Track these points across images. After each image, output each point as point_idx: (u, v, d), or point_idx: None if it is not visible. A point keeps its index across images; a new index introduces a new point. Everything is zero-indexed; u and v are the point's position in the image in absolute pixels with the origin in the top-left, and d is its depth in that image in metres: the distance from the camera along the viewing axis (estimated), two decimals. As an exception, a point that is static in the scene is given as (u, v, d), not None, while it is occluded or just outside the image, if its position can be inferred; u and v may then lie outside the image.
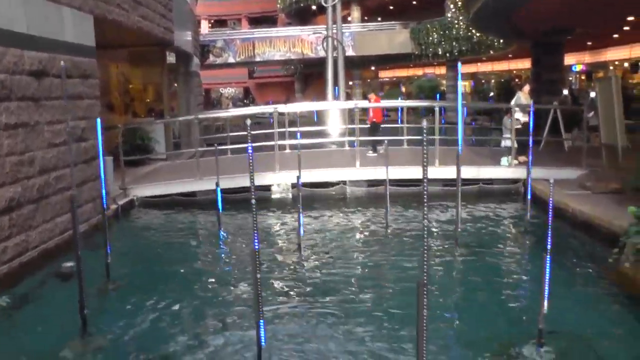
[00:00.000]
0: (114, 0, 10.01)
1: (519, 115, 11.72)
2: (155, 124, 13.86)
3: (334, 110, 21.20)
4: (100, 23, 9.78)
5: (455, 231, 7.55)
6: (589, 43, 23.42)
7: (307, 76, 42.38)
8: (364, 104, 14.24)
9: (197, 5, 23.99)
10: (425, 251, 3.31)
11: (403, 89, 42.64)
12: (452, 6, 27.55)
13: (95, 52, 9.12)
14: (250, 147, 4.06)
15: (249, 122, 4.18)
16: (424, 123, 3.43)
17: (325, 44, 24.24)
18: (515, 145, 10.91)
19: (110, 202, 9.64)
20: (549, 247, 4.70)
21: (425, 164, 3.25)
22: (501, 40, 23.24)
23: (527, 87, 12.73)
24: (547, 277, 4.66)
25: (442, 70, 32.88)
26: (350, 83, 39.61)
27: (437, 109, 11.03)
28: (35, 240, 7.18)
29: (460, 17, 26.07)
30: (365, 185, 11.23)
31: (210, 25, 57.76)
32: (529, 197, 8.16)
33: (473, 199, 10.36)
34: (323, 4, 22.93)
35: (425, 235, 3.32)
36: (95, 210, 8.93)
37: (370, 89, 42.34)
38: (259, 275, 4.00)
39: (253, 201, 3.99)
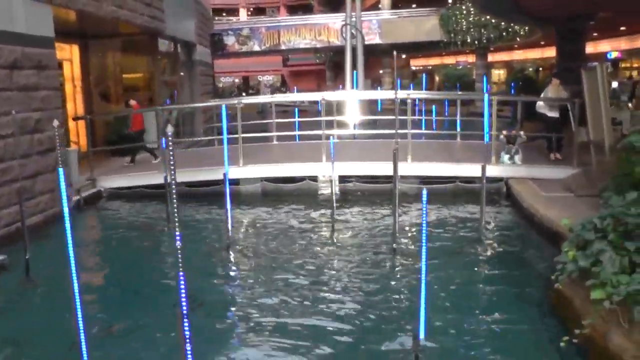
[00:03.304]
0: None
1: (545, 110, 11.17)
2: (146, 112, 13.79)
3: (351, 100, 20.67)
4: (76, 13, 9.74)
5: (393, 238, 6.93)
6: (623, 28, 21.61)
7: (337, 64, 41.74)
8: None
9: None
10: (181, 269, 2.90)
11: (437, 78, 41.40)
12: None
13: (54, 43, 9.06)
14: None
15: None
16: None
17: (344, 32, 23.68)
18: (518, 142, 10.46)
19: (73, 193, 9.67)
20: (423, 263, 4.19)
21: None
22: (526, 28, 21.87)
23: (556, 80, 11.68)
24: (423, 296, 4.17)
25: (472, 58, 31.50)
26: (381, 72, 38.77)
27: (409, 101, 10.41)
28: (-28, 232, 7.22)
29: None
30: (338, 181, 10.71)
31: (249, 13, 57.89)
32: (483, 199, 7.41)
33: (445, 199, 9.70)
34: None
35: (179, 251, 2.93)
36: (53, 202, 8.94)
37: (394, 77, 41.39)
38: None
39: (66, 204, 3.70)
